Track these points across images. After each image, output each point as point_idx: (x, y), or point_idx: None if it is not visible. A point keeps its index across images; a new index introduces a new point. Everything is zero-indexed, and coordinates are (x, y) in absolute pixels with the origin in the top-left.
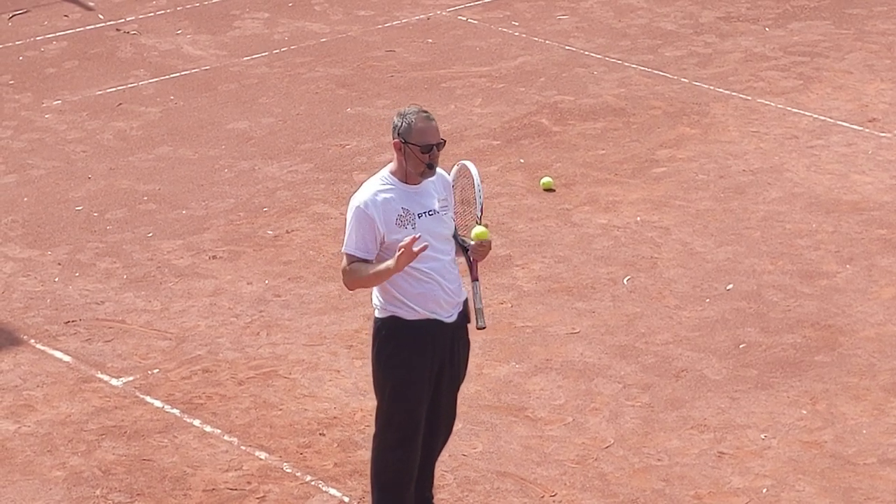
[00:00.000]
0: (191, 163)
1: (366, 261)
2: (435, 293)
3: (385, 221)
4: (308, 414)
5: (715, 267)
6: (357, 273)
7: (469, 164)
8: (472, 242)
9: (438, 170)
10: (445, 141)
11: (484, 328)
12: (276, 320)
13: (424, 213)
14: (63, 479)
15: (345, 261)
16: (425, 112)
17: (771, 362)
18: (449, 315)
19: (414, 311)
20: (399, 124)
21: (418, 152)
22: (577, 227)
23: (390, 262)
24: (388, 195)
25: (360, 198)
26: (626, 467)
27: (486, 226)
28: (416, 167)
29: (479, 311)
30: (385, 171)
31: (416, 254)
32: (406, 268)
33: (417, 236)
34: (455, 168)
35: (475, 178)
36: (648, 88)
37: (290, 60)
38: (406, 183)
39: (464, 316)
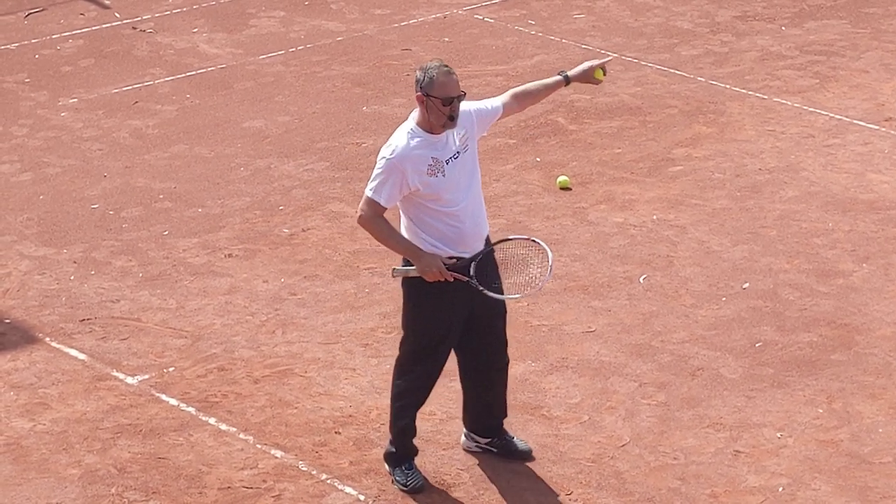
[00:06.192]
0: (206, 161)
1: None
2: (462, 234)
3: (417, 172)
4: (324, 412)
5: (731, 266)
6: (384, 233)
7: (551, 257)
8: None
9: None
10: (465, 93)
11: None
12: (292, 318)
13: (451, 157)
14: (78, 477)
15: (367, 206)
16: (446, 66)
17: (787, 361)
18: (475, 250)
19: (440, 251)
20: (422, 78)
21: (440, 105)
22: (594, 226)
23: (422, 264)
24: (417, 147)
25: (391, 150)
26: (641, 466)
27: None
28: (439, 119)
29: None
30: (411, 123)
31: (442, 276)
32: (434, 210)
33: (460, 278)
34: (540, 249)
35: (547, 273)
36: (665, 87)
37: (306, 59)
38: (431, 133)
39: (487, 242)
